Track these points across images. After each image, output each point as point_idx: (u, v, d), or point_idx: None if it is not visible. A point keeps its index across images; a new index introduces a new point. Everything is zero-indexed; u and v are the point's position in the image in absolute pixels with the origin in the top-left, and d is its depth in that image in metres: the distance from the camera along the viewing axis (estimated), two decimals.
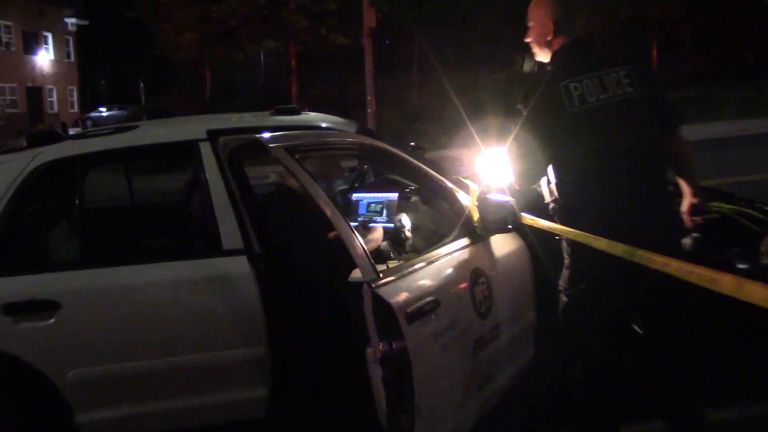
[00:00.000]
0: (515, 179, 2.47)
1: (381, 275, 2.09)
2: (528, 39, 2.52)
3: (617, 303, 2.32)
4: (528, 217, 2.64)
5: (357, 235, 2.13)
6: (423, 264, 2.32)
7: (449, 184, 2.89)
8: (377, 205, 3.42)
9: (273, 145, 2.28)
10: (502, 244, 2.76)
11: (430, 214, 3.37)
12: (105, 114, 32.99)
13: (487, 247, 2.67)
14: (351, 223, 2.20)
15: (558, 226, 2.41)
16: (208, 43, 26.59)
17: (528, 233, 2.83)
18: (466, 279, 2.41)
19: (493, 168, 2.68)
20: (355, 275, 2.40)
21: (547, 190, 2.48)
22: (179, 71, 34.14)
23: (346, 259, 2.17)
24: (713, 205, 2.71)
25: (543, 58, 2.50)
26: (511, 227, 2.55)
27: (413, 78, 27.47)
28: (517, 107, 2.39)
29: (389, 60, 26.66)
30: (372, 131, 4.42)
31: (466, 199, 2.80)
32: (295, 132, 2.66)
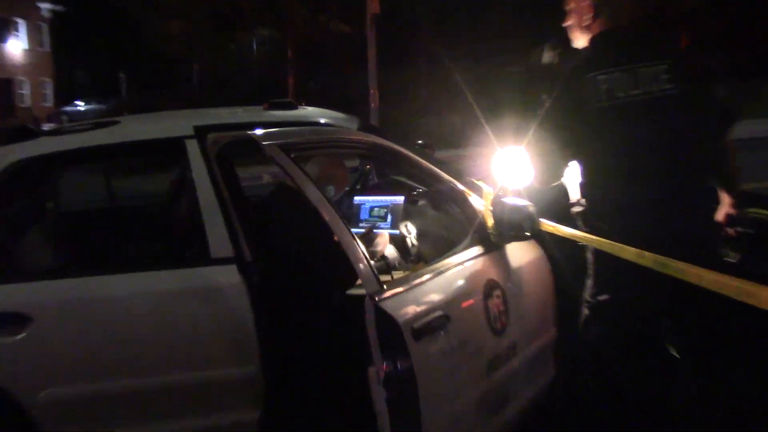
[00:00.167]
0: (535, 176, 2.47)
1: (385, 287, 2.08)
2: (567, 23, 2.53)
3: (642, 312, 2.32)
4: (548, 224, 2.63)
5: (359, 243, 2.12)
6: (431, 275, 2.32)
7: (461, 186, 2.88)
8: (381, 210, 3.41)
9: (266, 143, 2.27)
10: (519, 253, 2.74)
11: (439, 219, 3.36)
12: (83, 108, 33.09)
13: (503, 257, 2.66)
14: (353, 230, 2.19)
15: (581, 233, 2.40)
16: (198, 32, 26.64)
17: (548, 241, 2.81)
18: (479, 292, 2.40)
19: (510, 169, 2.66)
20: (357, 288, 2.40)
21: (574, 188, 2.47)
22: (166, 62, 34.26)
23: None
24: (752, 211, 2.69)
25: (581, 43, 2.50)
26: (530, 234, 2.54)
27: (421, 71, 27.48)
28: (542, 97, 2.39)
29: (395, 51, 26.69)
30: (375, 128, 4.42)
31: (479, 203, 2.79)
32: (291, 129, 2.66)
